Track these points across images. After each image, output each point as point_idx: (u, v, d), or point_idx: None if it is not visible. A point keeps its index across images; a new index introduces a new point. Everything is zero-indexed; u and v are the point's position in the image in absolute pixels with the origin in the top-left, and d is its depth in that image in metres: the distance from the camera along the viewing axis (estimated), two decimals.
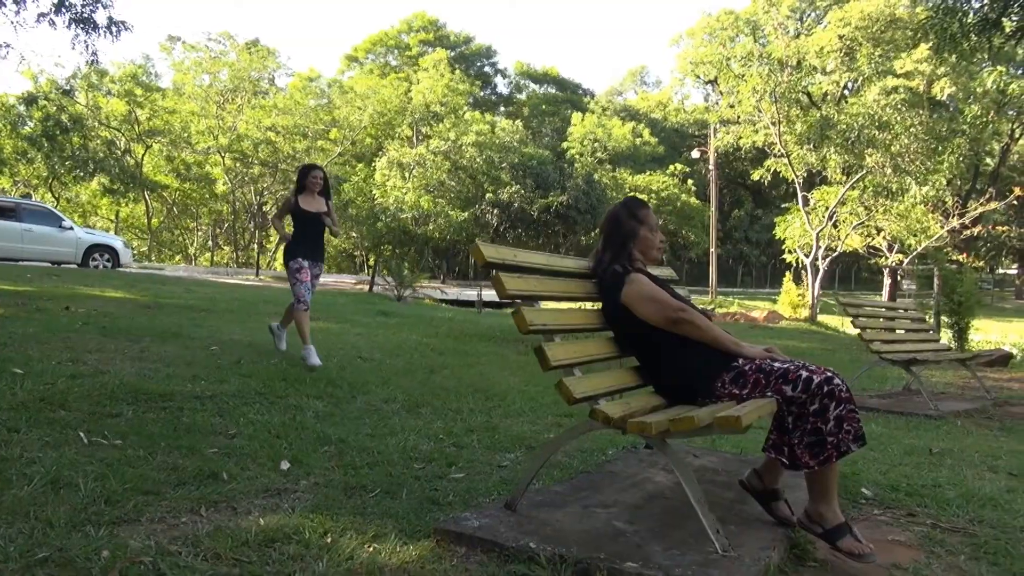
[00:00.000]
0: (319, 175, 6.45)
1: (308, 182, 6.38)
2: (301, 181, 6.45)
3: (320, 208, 6.37)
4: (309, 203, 6.34)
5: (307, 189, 6.39)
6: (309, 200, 6.37)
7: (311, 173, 6.42)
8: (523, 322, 2.22)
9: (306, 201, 6.34)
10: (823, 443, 2.34)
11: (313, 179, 6.39)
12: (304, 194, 6.39)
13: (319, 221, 6.37)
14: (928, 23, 7.75)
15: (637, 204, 2.84)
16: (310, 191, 6.39)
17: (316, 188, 6.38)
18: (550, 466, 3.57)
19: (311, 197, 6.40)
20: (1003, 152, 43.06)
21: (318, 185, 6.40)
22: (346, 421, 4.40)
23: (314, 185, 6.38)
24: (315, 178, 6.40)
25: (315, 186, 6.37)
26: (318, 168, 6.56)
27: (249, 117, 31.25)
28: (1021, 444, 5.01)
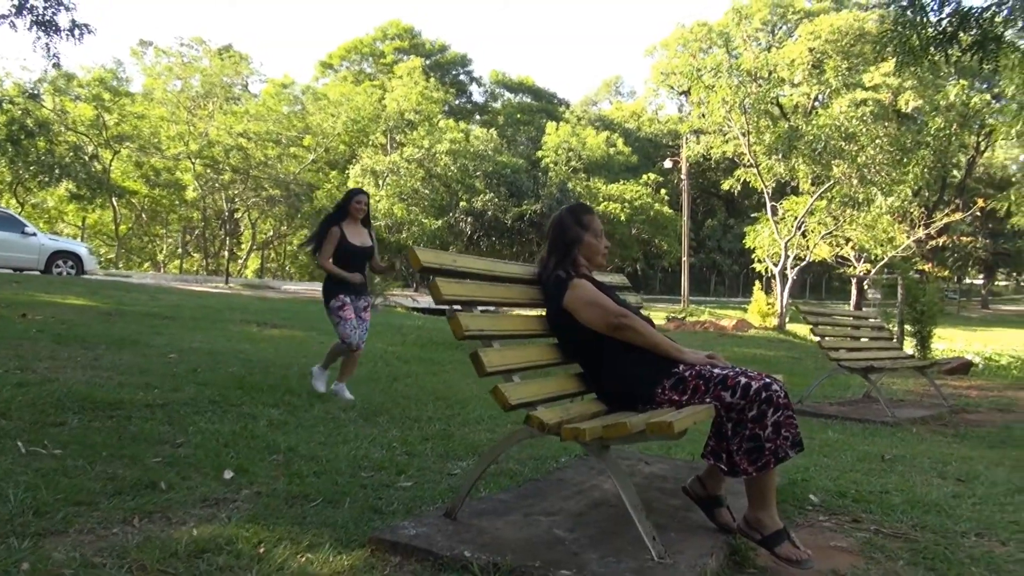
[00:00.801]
0: (364, 200, 5.68)
1: (352, 208, 5.63)
2: (344, 207, 5.69)
3: (365, 241, 5.66)
4: (355, 234, 5.60)
5: (350, 216, 5.62)
6: (354, 230, 5.62)
7: (355, 198, 5.66)
8: (458, 327, 2.19)
9: (352, 232, 5.59)
10: (761, 449, 2.34)
11: (357, 205, 5.63)
12: (347, 222, 5.61)
13: (365, 255, 5.68)
14: (888, 36, 7.88)
15: (582, 210, 2.84)
16: (353, 219, 5.64)
17: (360, 215, 5.64)
18: (500, 474, 3.55)
19: (355, 226, 5.65)
20: (969, 164, 43.94)
21: (362, 212, 5.65)
22: (300, 430, 4.34)
23: (358, 212, 5.62)
24: (359, 203, 5.64)
25: (359, 213, 5.62)
26: (363, 193, 5.77)
27: (220, 123, 30.96)
28: (973, 450, 5.07)
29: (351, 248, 5.57)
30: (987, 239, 50.36)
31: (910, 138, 16.92)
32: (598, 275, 3.01)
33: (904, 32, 7.52)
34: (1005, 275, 66.52)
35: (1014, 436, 5.80)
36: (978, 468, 4.30)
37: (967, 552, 2.69)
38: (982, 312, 47.92)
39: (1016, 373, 13.51)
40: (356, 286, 5.60)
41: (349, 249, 5.57)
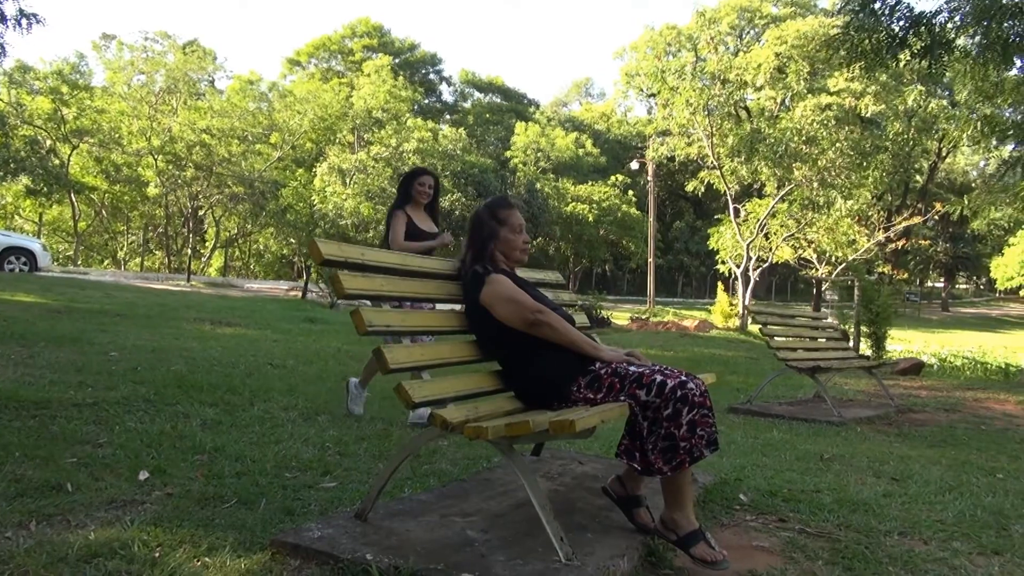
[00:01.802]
0: (428, 182, 4.88)
1: (415, 191, 4.85)
2: (405, 190, 4.89)
3: (432, 228, 4.91)
4: (420, 218, 4.85)
5: (414, 201, 4.87)
6: (418, 214, 4.86)
7: (418, 179, 4.87)
8: (361, 322, 2.12)
9: (417, 216, 4.84)
10: (676, 448, 2.31)
11: (420, 188, 4.85)
12: (411, 207, 4.86)
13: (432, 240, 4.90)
14: (840, 40, 7.95)
15: (499, 204, 2.78)
16: (417, 204, 4.89)
17: (425, 199, 4.88)
18: (430, 474, 3.48)
19: (419, 212, 4.90)
20: (931, 170, 44.83)
21: (427, 196, 4.88)
22: (233, 429, 4.23)
23: (422, 196, 4.86)
24: (423, 185, 4.85)
25: (424, 197, 4.86)
26: (427, 173, 4.96)
27: (184, 119, 30.47)
28: (913, 450, 5.12)
29: (419, 234, 4.79)
30: (947, 243, 51.48)
31: (870, 142, 17.15)
32: (523, 271, 2.96)
33: (855, 36, 7.59)
34: (965, 278, 68.03)
35: (956, 436, 5.87)
36: (914, 467, 4.32)
37: (887, 551, 2.68)
38: (942, 314, 48.88)
39: (968, 374, 13.76)
40: None
41: (418, 234, 4.79)
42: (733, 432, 5.41)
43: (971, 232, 46.20)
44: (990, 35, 7.92)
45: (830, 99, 28.36)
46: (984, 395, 8.74)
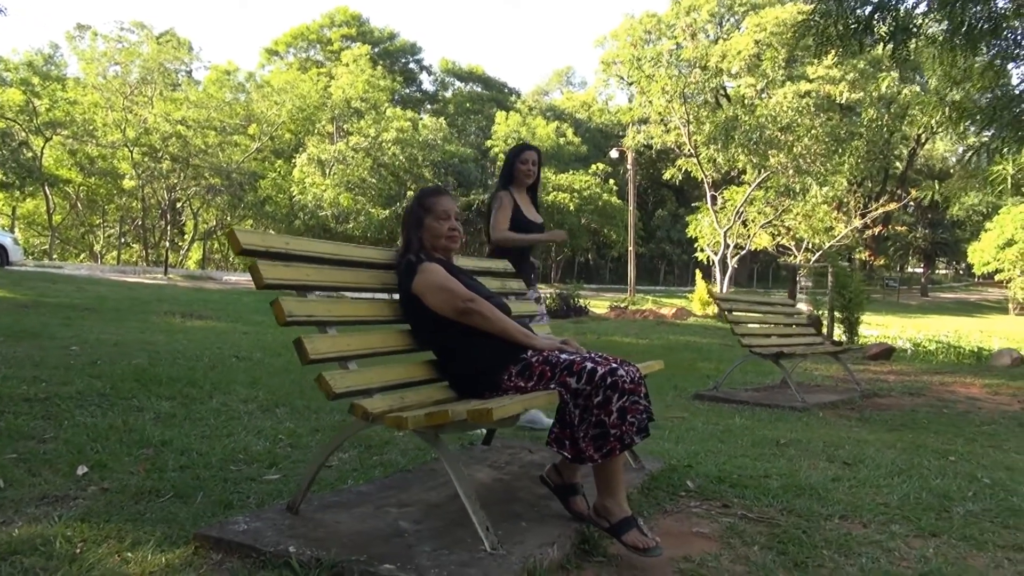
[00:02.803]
0: (532, 157, 4.31)
1: (518, 169, 4.28)
2: (509, 168, 4.31)
3: (536, 215, 4.39)
4: (525, 205, 4.32)
5: (517, 181, 4.31)
6: (523, 200, 4.32)
7: (521, 156, 4.30)
8: (280, 313, 2.09)
9: (522, 202, 4.30)
10: (606, 436, 2.30)
11: (523, 165, 4.28)
12: (515, 188, 4.30)
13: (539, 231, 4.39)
14: (807, 25, 7.96)
15: (428, 192, 2.76)
16: (520, 184, 4.33)
17: (528, 179, 4.33)
18: (378, 465, 3.46)
19: (524, 195, 4.36)
20: (910, 156, 45.16)
21: (531, 175, 4.32)
22: (187, 423, 4.19)
23: (526, 175, 4.30)
24: (525, 163, 4.28)
25: (527, 176, 4.30)
26: (531, 148, 4.39)
27: (159, 110, 30.11)
28: (872, 434, 5.15)
29: (527, 223, 4.25)
30: (926, 229, 51.98)
31: (844, 129, 17.23)
32: (470, 261, 2.94)
33: (821, 23, 7.60)
34: (945, 264, 68.75)
35: (916, 420, 5.92)
36: (868, 451, 4.35)
37: (824, 535, 2.69)
38: (921, 300, 49.37)
39: (941, 358, 13.91)
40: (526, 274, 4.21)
41: (526, 225, 4.24)
42: (695, 419, 5.42)
43: (950, 218, 46.64)
44: (955, 21, 7.94)
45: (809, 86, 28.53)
46: (951, 379, 8.83)
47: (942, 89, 10.42)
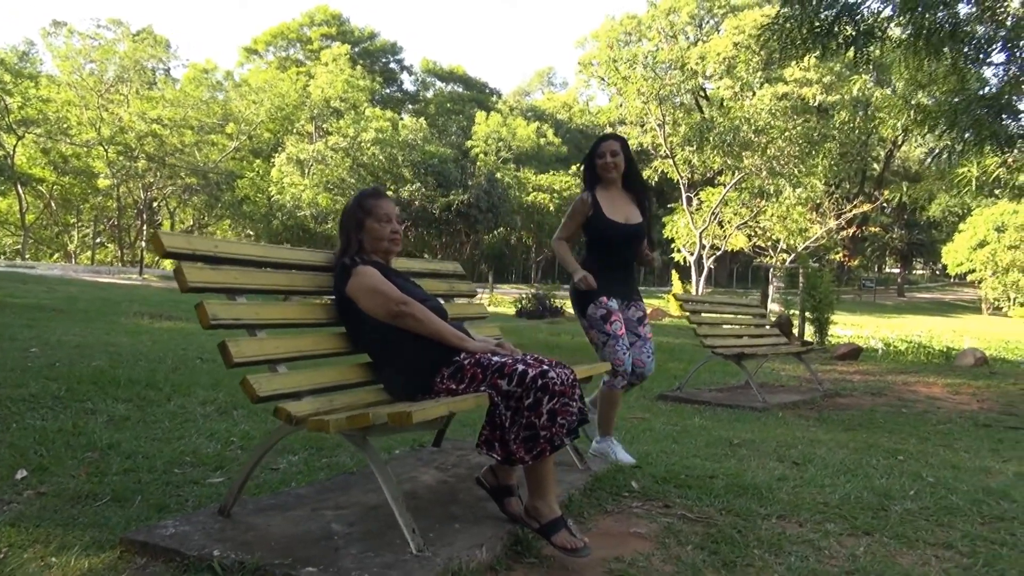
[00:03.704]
0: (610, 148, 3.72)
1: (596, 163, 3.74)
2: (590, 167, 3.80)
3: (630, 216, 3.73)
4: (613, 205, 3.71)
5: (601, 179, 3.76)
6: (611, 199, 3.73)
7: (597, 150, 3.76)
8: (204, 316, 2.09)
9: (608, 202, 3.72)
10: (536, 437, 2.32)
11: (600, 160, 3.72)
12: (601, 188, 3.76)
13: (632, 238, 3.74)
14: (772, 29, 8.03)
15: (367, 194, 2.77)
16: (609, 183, 3.75)
17: (609, 174, 3.71)
18: (327, 467, 3.46)
19: (612, 193, 3.75)
20: (887, 158, 45.66)
21: (613, 168, 3.70)
22: (140, 425, 4.17)
23: (607, 169, 3.71)
24: (602, 157, 3.71)
25: (609, 171, 3.70)
26: (614, 138, 3.82)
27: (135, 108, 29.82)
28: (826, 434, 5.21)
29: (608, 226, 3.67)
30: (903, 230, 52.57)
31: (817, 131, 17.41)
32: (419, 263, 2.95)
33: (784, 27, 7.68)
34: (921, 264, 69.56)
35: (874, 419, 6.00)
36: (819, 451, 4.40)
37: (759, 535, 2.72)
38: (897, 300, 49.91)
39: (911, 358, 14.07)
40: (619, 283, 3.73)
41: (605, 228, 3.68)
42: (656, 419, 5.47)
43: (926, 219, 47.19)
44: (917, 25, 8.05)
45: (786, 88, 28.78)
46: (914, 379, 8.95)
47: (908, 92, 10.55)
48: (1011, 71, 8.56)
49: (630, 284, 3.83)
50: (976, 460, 4.53)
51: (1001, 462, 4.51)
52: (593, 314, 3.68)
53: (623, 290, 3.77)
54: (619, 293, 3.74)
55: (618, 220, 3.69)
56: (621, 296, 3.76)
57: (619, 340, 3.62)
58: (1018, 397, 7.72)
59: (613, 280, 3.72)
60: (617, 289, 3.73)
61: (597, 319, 3.65)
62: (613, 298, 3.69)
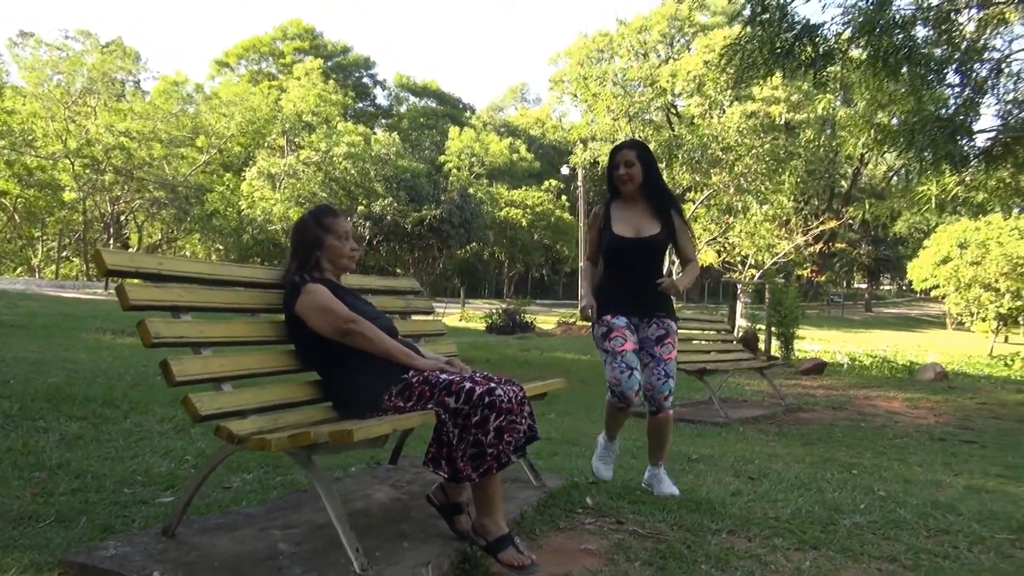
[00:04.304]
0: (624, 158, 3.48)
1: (614, 175, 3.53)
2: (608, 180, 3.60)
3: (642, 229, 3.48)
4: (626, 218, 3.51)
5: (619, 192, 3.56)
6: (626, 211, 3.53)
7: (612, 160, 3.54)
8: (146, 335, 2.08)
9: (622, 215, 3.53)
10: (483, 455, 2.33)
11: (616, 171, 3.51)
12: (619, 200, 3.58)
13: (640, 252, 3.49)
14: (733, 50, 8.18)
15: (324, 212, 2.77)
16: (627, 196, 3.54)
17: (628, 185, 3.49)
18: (277, 485, 3.44)
19: (630, 205, 3.54)
20: (854, 175, 46.49)
21: (629, 179, 3.47)
22: (93, 444, 4.11)
23: (622, 181, 3.49)
24: (616, 168, 3.50)
25: (624, 182, 3.49)
26: (628, 147, 3.56)
27: (103, 121, 29.47)
28: (785, 448, 5.28)
29: (612, 240, 3.50)
30: (870, 246, 53.46)
31: (784, 149, 17.70)
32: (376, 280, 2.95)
33: (746, 48, 7.82)
34: (888, 280, 70.75)
35: (832, 434, 6.08)
36: (776, 466, 4.45)
37: (707, 550, 2.75)
38: (865, 315, 50.68)
39: (875, 372, 14.29)
40: (628, 298, 3.52)
41: (609, 242, 3.52)
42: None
43: (893, 235, 48.01)
44: (876, 47, 8.24)
45: (754, 107, 29.24)
46: (876, 393, 9.10)
47: (869, 112, 10.76)
48: (965, 93, 8.78)
49: (646, 300, 3.52)
50: (928, 474, 4.62)
51: (952, 476, 4.60)
52: (596, 333, 3.56)
53: (636, 307, 3.53)
54: (631, 310, 3.53)
55: (625, 234, 3.48)
56: (635, 313, 3.53)
57: (616, 358, 3.41)
58: (974, 411, 7.88)
59: (623, 296, 3.53)
60: (628, 305, 3.52)
61: (599, 337, 3.52)
62: (621, 315, 3.50)
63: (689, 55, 36.44)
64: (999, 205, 13.28)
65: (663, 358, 3.47)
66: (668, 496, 3.43)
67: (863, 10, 7.94)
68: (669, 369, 3.48)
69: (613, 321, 3.48)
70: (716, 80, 18.06)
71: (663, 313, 3.54)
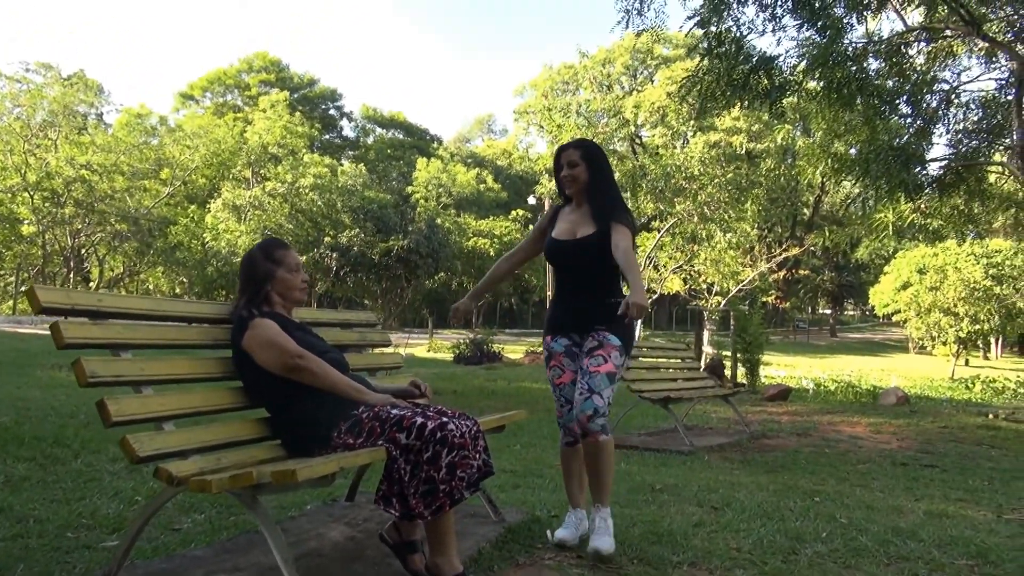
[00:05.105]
0: (566, 158, 3.17)
1: (558, 175, 3.24)
2: (557, 181, 3.30)
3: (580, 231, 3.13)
4: (567, 223, 3.20)
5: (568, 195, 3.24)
6: (571, 216, 3.21)
7: (558, 159, 3.22)
8: (82, 374, 2.01)
9: (565, 220, 3.22)
10: (436, 491, 2.28)
11: (559, 173, 3.21)
12: (569, 207, 3.26)
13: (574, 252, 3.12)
14: (692, 82, 8.33)
15: (274, 245, 2.73)
16: (571, 195, 3.22)
17: (570, 186, 3.17)
18: (229, 526, 3.32)
19: (576, 209, 3.21)
20: (815, 203, 47.43)
21: (571, 180, 3.15)
22: (39, 486, 3.97)
23: (566, 183, 3.19)
24: (562, 166, 3.18)
25: (568, 184, 3.18)
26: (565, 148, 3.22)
27: (63, 153, 29.05)
28: (749, 476, 5.27)
29: (550, 244, 3.21)
30: (832, 272, 54.40)
31: (745, 178, 17.99)
32: (330, 312, 2.90)
33: (704, 79, 7.97)
34: (852, 305, 71.95)
35: (796, 461, 6.09)
36: (740, 494, 4.43)
37: None
38: (830, 340, 51.35)
39: (840, 397, 14.44)
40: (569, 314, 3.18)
41: (548, 246, 3.23)
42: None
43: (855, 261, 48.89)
44: (829, 79, 8.45)
45: (717, 137, 29.80)
46: (840, 419, 9.16)
47: (826, 141, 11.00)
48: (917, 123, 9.02)
49: (583, 313, 3.13)
50: (890, 499, 4.63)
51: (913, 501, 4.62)
52: (544, 354, 3.28)
53: (575, 322, 3.16)
54: (570, 327, 3.17)
55: (560, 237, 3.16)
56: (574, 330, 3.16)
57: (555, 391, 3.17)
58: (935, 435, 7.97)
59: (561, 312, 3.21)
60: (567, 323, 3.18)
61: (545, 359, 3.26)
62: (561, 337, 3.18)
63: (652, 87, 37.20)
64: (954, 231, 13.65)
65: (589, 370, 2.98)
66: (594, 553, 2.90)
67: (816, 43, 8.15)
68: (595, 383, 2.95)
69: (552, 345, 3.20)
70: (678, 111, 18.37)
71: (602, 326, 3.08)
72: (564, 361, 3.16)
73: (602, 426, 2.97)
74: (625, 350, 3.11)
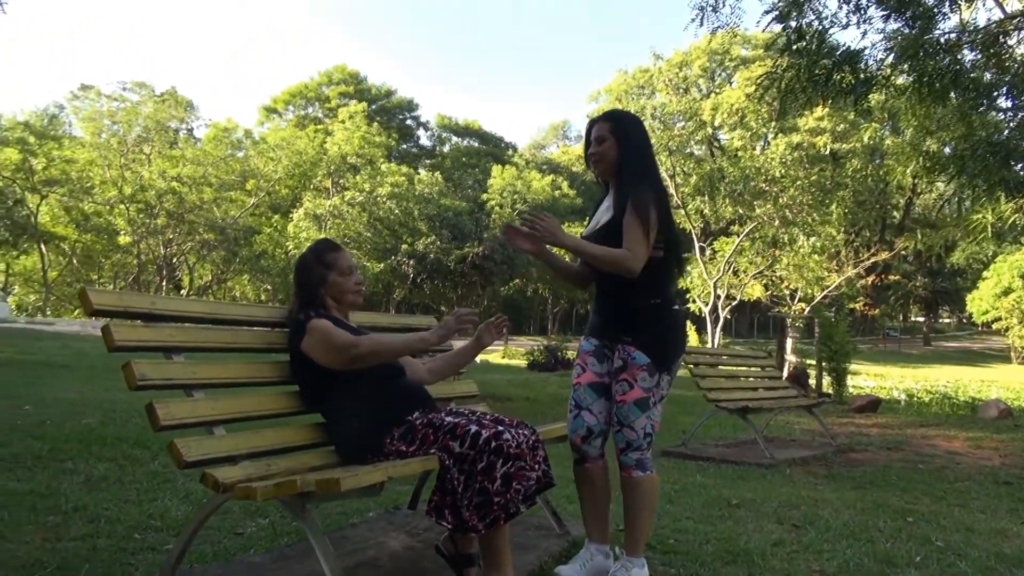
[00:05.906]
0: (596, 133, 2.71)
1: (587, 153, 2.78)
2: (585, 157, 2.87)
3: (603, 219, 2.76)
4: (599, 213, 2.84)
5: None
6: (604, 204, 2.81)
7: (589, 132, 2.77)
8: (132, 377, 1.99)
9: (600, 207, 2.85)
10: (490, 504, 2.16)
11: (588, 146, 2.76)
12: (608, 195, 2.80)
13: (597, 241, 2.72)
14: (770, 79, 8.00)
15: (325, 248, 2.67)
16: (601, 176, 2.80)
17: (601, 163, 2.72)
18: (290, 532, 3.30)
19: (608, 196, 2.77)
20: (907, 205, 45.38)
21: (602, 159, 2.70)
22: (116, 486, 4.06)
23: (594, 161, 2.75)
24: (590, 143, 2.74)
25: (597, 162, 2.74)
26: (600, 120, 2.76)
27: (156, 167, 30.53)
28: (833, 493, 4.96)
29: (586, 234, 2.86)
30: (926, 278, 51.88)
31: (830, 179, 17.32)
32: (390, 317, 2.85)
33: (784, 76, 7.64)
34: (948, 312, 68.43)
35: (887, 477, 5.72)
36: (823, 512, 4.16)
37: None
38: (923, 349, 48.97)
39: (935, 409, 13.65)
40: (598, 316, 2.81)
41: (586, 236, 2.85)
42: None
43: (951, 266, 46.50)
44: (920, 72, 7.97)
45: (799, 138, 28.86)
46: (935, 432, 8.62)
47: (917, 139, 10.42)
48: (1018, 116, 8.42)
49: (609, 317, 2.74)
50: (992, 521, 4.26)
51: (1019, 524, 4.24)
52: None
53: (603, 326, 2.77)
54: (600, 330, 2.77)
55: (588, 231, 2.84)
56: (605, 335, 2.75)
57: (572, 394, 2.76)
58: None
59: (593, 316, 2.86)
60: (596, 324, 2.80)
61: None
62: (592, 336, 2.80)
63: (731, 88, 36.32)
64: None
65: (616, 399, 2.61)
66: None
67: (905, 35, 7.70)
68: (622, 415, 2.58)
69: (583, 344, 2.82)
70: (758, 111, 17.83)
71: (628, 338, 2.63)
72: (588, 360, 2.74)
73: (637, 461, 2.59)
74: (660, 366, 2.61)
